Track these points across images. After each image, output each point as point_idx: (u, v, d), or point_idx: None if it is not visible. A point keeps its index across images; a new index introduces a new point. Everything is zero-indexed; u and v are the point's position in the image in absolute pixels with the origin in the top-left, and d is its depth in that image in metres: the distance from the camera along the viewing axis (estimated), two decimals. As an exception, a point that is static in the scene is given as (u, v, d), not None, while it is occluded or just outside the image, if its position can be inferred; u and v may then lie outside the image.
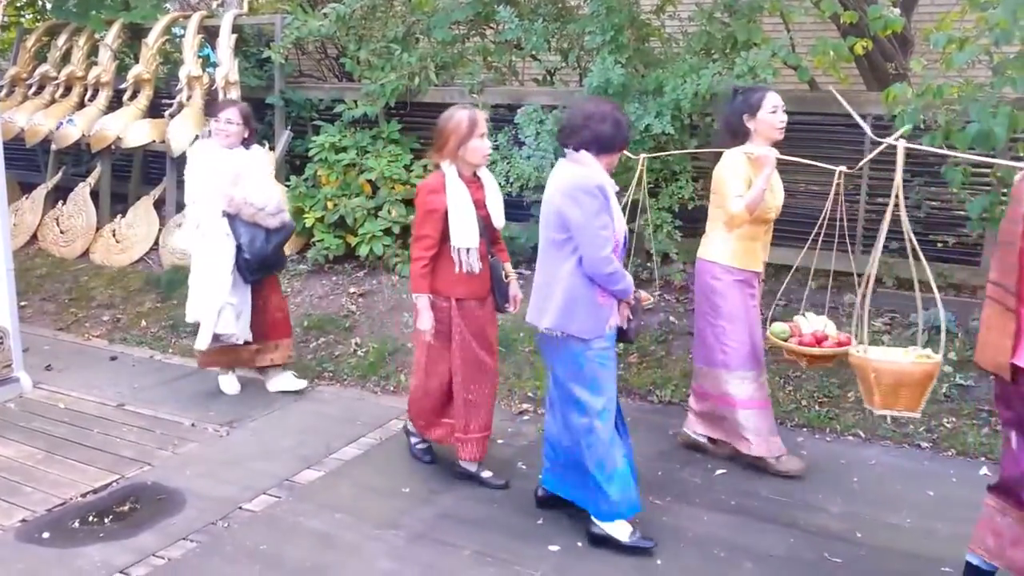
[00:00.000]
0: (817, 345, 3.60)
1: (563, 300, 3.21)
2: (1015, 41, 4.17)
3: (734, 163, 3.74)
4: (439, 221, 3.52)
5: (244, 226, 4.55)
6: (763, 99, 3.75)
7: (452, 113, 3.54)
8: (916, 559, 3.21)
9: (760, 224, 3.82)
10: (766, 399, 3.92)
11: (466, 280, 3.60)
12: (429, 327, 3.62)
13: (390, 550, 3.34)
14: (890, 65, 5.33)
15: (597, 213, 3.11)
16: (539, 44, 5.83)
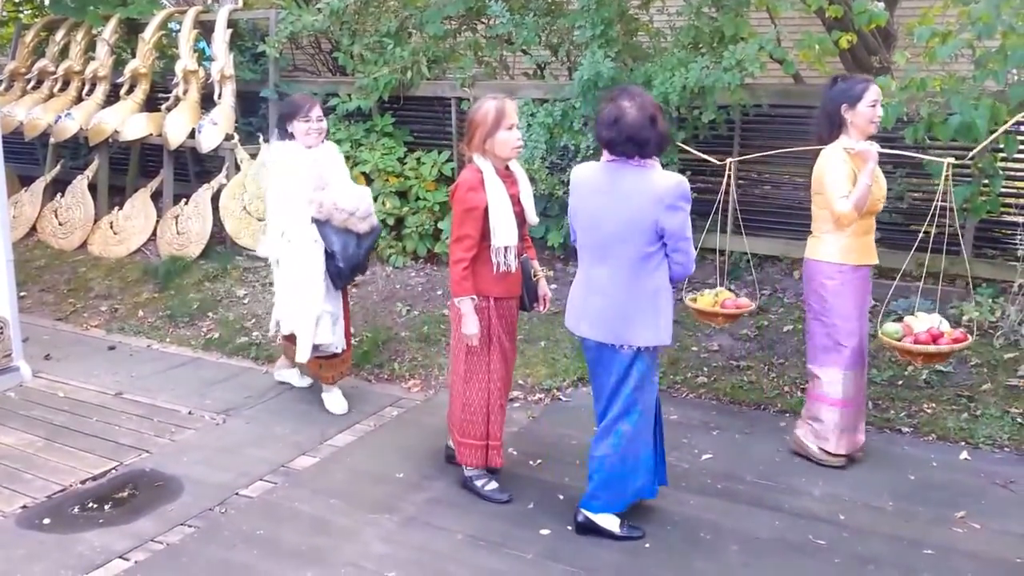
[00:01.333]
0: (934, 343, 3.53)
1: (663, 312, 3.14)
2: (996, 35, 4.26)
3: (836, 161, 3.63)
4: (479, 220, 3.35)
5: (335, 233, 4.23)
6: (865, 91, 3.61)
7: (481, 104, 3.37)
8: (898, 542, 3.30)
9: (870, 216, 3.74)
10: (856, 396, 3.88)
11: (503, 278, 3.47)
12: (477, 331, 3.44)
13: (384, 534, 3.42)
14: (874, 59, 5.41)
15: (687, 219, 3.08)
16: (530, 38, 5.90)
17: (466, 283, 3.40)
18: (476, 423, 3.59)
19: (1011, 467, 3.87)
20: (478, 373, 3.55)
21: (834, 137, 3.69)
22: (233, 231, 6.65)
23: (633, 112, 3.00)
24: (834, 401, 3.80)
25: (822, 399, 3.84)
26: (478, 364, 3.54)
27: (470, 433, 3.61)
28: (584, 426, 4.29)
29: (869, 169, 3.54)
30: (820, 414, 3.85)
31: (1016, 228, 4.94)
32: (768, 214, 5.74)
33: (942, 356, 3.58)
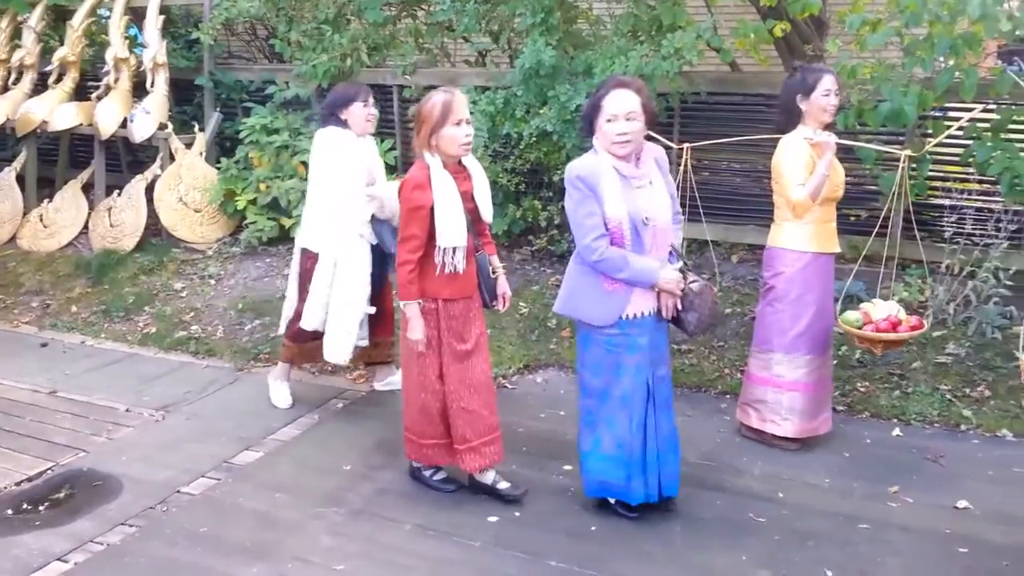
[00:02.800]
0: (893, 330, 3.60)
1: (568, 286, 3.28)
2: (924, 23, 4.39)
3: (794, 149, 3.66)
4: (425, 219, 3.21)
5: (393, 234, 3.93)
6: (819, 80, 3.63)
7: (428, 97, 3.22)
8: (835, 517, 3.40)
9: (831, 203, 3.77)
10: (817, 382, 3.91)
11: (452, 279, 3.32)
12: (422, 336, 3.32)
13: (331, 527, 3.40)
14: (807, 47, 5.52)
15: (580, 203, 3.08)
16: (471, 26, 5.88)
17: (412, 287, 3.27)
18: (433, 425, 3.47)
19: (941, 442, 4.02)
20: (431, 377, 3.41)
21: (792, 126, 3.73)
22: (169, 223, 6.49)
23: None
24: (781, 384, 3.86)
25: (770, 382, 3.89)
26: (430, 369, 3.40)
27: (428, 434, 3.51)
28: (531, 413, 4.33)
29: (827, 159, 3.59)
30: (767, 396, 3.91)
31: (943, 210, 5.11)
32: (708, 200, 5.82)
33: (901, 343, 3.63)
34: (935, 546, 3.19)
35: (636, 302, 3.15)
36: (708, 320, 3.25)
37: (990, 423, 4.17)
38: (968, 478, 3.69)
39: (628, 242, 3.09)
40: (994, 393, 4.37)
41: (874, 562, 3.10)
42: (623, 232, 3.08)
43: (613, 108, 3.04)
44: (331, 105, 4.23)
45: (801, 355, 3.82)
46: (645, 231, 3.10)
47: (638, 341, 3.18)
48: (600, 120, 3.07)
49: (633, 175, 3.11)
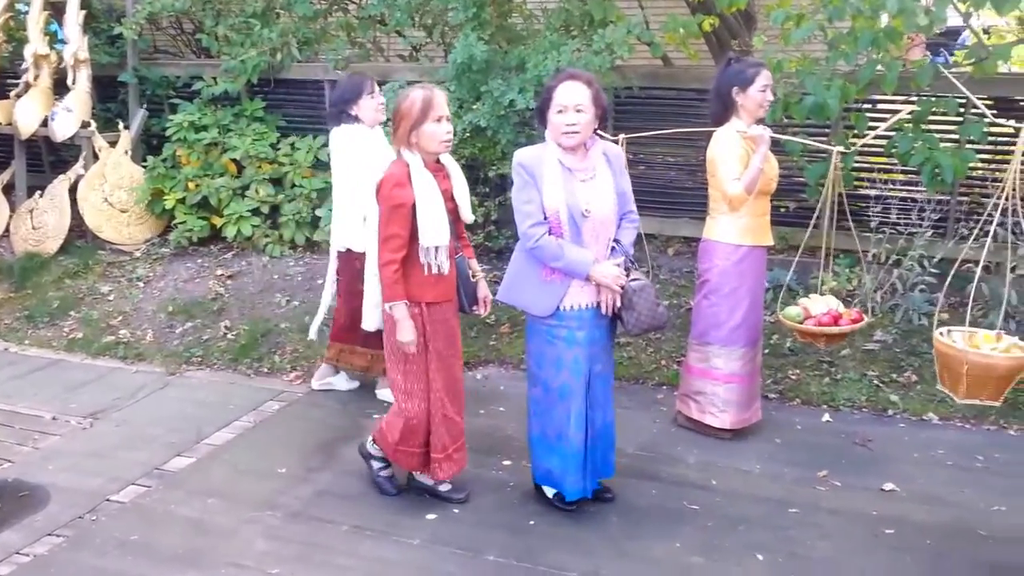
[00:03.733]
0: (835, 324, 3.63)
1: (510, 273, 3.31)
2: (847, 17, 4.50)
3: (728, 143, 3.69)
4: (407, 218, 3.12)
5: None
6: (757, 75, 3.65)
7: (407, 93, 3.16)
8: (766, 502, 3.48)
9: (765, 197, 3.81)
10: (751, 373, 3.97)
11: (435, 281, 3.23)
12: (413, 337, 3.19)
13: (266, 531, 3.34)
14: (734, 42, 5.62)
15: (520, 188, 3.13)
16: (402, 20, 5.83)
17: (397, 287, 3.16)
18: (416, 434, 3.36)
19: (868, 426, 4.14)
20: (417, 383, 3.30)
21: (726, 119, 3.76)
22: (94, 224, 6.29)
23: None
24: (718, 376, 3.91)
25: (708, 374, 3.94)
26: (416, 374, 3.30)
27: (408, 442, 3.39)
28: (471, 410, 4.29)
29: (762, 152, 3.62)
30: (705, 388, 3.96)
31: (870, 201, 5.25)
32: (643, 193, 5.89)
33: (842, 336, 3.70)
34: (862, 528, 3.29)
35: (574, 294, 3.16)
36: (647, 320, 3.21)
37: (916, 407, 4.31)
38: (894, 461, 3.80)
39: (566, 233, 3.11)
40: (920, 378, 4.51)
41: (803, 545, 3.18)
42: (561, 222, 3.09)
43: (563, 99, 3.06)
44: (340, 102, 4.20)
45: (738, 347, 3.88)
46: (584, 223, 3.10)
47: (576, 334, 3.18)
48: (551, 111, 3.10)
49: (577, 167, 3.12)
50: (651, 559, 3.10)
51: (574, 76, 3.12)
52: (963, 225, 5.21)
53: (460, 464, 3.46)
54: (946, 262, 5.22)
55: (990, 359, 2.86)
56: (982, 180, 5.31)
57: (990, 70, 4.53)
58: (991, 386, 2.87)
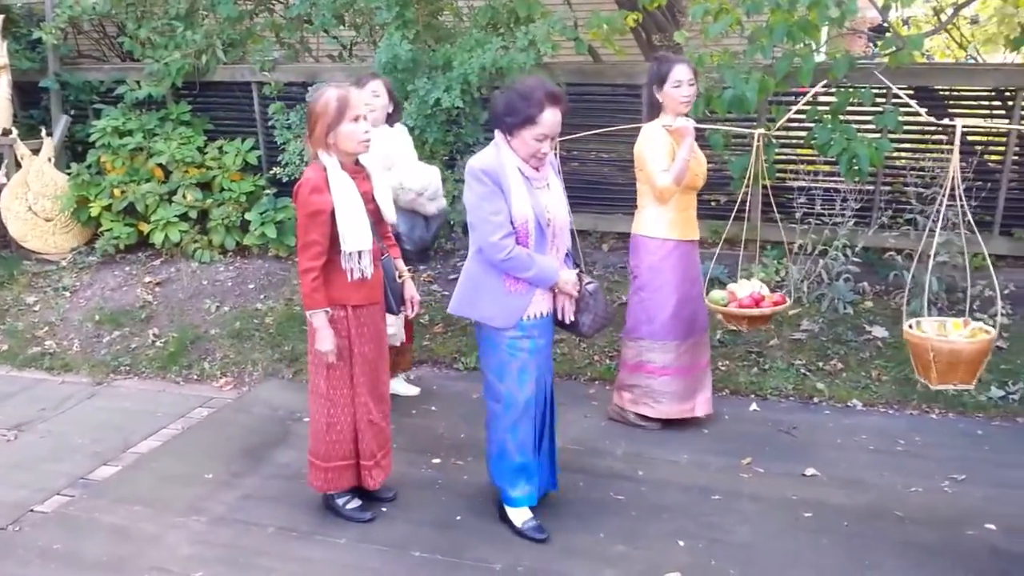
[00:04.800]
0: (756, 307, 3.69)
1: (467, 285, 3.11)
2: (765, 11, 4.58)
3: (654, 137, 3.73)
4: (326, 224, 3.03)
5: (402, 214, 3.98)
6: (670, 71, 3.69)
7: (320, 93, 3.05)
8: (691, 490, 3.52)
9: (691, 192, 3.86)
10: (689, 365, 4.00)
11: (360, 284, 3.16)
12: (333, 346, 3.13)
13: (191, 536, 3.29)
14: (656, 37, 5.68)
15: (486, 198, 2.94)
16: (327, 21, 5.79)
17: (317, 295, 3.07)
18: (343, 443, 3.29)
19: (794, 414, 4.21)
20: (341, 390, 3.24)
21: (655, 116, 3.82)
22: (18, 234, 6.12)
23: (513, 84, 3.04)
24: (653, 369, 3.94)
25: (642, 368, 3.97)
26: (340, 381, 3.23)
27: (336, 455, 3.30)
28: (403, 410, 4.29)
29: (687, 144, 3.66)
30: (639, 381, 3.99)
31: (794, 192, 5.36)
32: (577, 189, 5.93)
33: (764, 319, 3.76)
34: (782, 512, 3.34)
35: (536, 303, 3.08)
36: (601, 321, 3.21)
37: (841, 394, 4.40)
38: (817, 447, 3.87)
39: (532, 241, 3.01)
40: (846, 366, 4.60)
41: (724, 530, 3.22)
42: (528, 231, 2.99)
43: (548, 129, 2.92)
44: None
45: (670, 340, 3.91)
46: (548, 231, 3.05)
47: (538, 343, 3.11)
48: (529, 131, 2.91)
49: (534, 176, 3.03)
50: (573, 549, 3.11)
51: (559, 101, 2.94)
52: (884, 214, 5.35)
53: (387, 471, 3.43)
54: (871, 251, 5.38)
55: (954, 344, 2.90)
56: (902, 169, 5.45)
57: (904, 60, 4.65)
58: (961, 370, 2.91)
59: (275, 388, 4.71)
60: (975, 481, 3.54)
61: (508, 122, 2.93)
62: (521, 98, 2.90)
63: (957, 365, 2.90)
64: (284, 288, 5.65)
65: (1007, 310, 4.82)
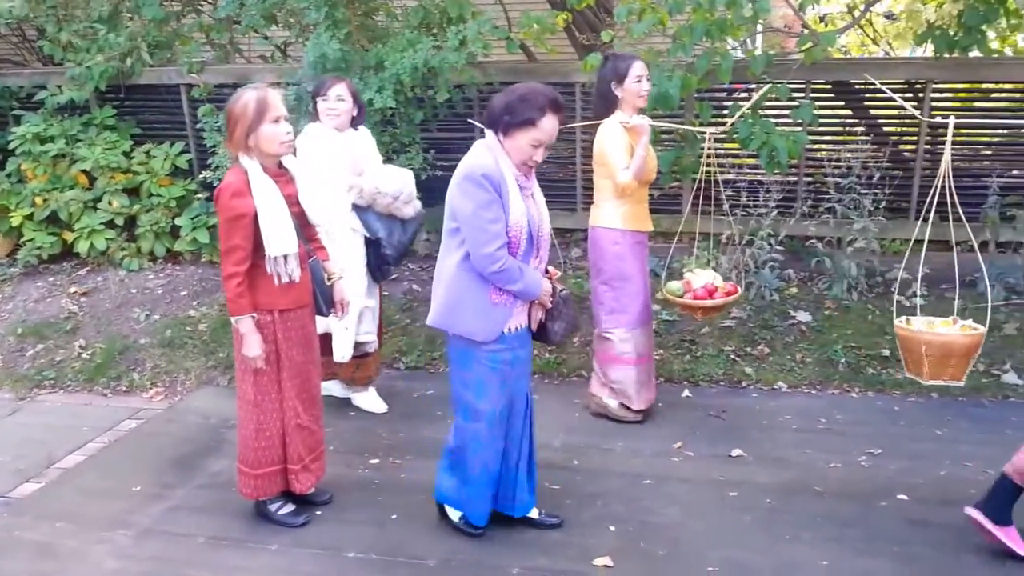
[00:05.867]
0: (710, 297, 3.79)
1: (447, 296, 2.95)
2: (686, 10, 4.69)
3: (613, 134, 3.80)
4: (248, 228, 2.98)
5: (379, 219, 3.98)
6: (630, 67, 3.78)
7: (239, 95, 2.99)
8: (625, 476, 3.59)
9: (644, 186, 3.96)
10: (648, 353, 4.10)
11: (287, 288, 3.10)
12: (261, 351, 3.08)
13: (117, 550, 3.22)
14: (582, 36, 5.77)
15: (485, 206, 2.78)
16: (257, 21, 5.73)
17: (242, 300, 3.02)
18: (272, 449, 3.25)
19: (724, 399, 4.33)
20: (270, 395, 3.20)
21: (609, 112, 3.86)
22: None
23: (517, 85, 2.90)
24: (628, 359, 4.02)
25: (616, 360, 4.03)
26: (268, 386, 3.19)
27: (265, 461, 3.26)
28: (339, 412, 4.27)
29: (644, 141, 3.76)
30: (615, 374, 4.05)
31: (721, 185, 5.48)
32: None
33: (718, 309, 3.86)
34: (709, 492, 3.44)
35: (517, 315, 2.99)
36: (570, 327, 3.15)
37: (768, 377, 4.53)
38: (744, 429, 3.99)
39: (521, 251, 2.90)
40: (772, 350, 4.74)
41: (654, 513, 3.30)
42: (520, 241, 2.88)
43: (544, 135, 2.83)
44: (310, 99, 4.11)
45: (636, 329, 4.01)
46: (536, 241, 2.96)
47: (520, 354, 3.03)
48: (525, 135, 2.81)
49: (525, 184, 2.92)
50: (508, 540, 3.15)
51: (559, 109, 2.85)
52: (806, 204, 5.52)
53: (318, 475, 3.41)
54: (795, 239, 5.55)
55: (947, 338, 2.96)
56: (822, 161, 5.63)
57: (818, 56, 4.80)
58: (952, 365, 2.97)
59: (209, 396, 4.65)
60: (890, 455, 3.69)
61: (505, 121, 2.81)
62: (521, 100, 2.80)
63: (948, 360, 2.94)
64: (218, 294, 5.57)
65: (924, 291, 5.02)
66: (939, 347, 2.93)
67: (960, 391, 4.28)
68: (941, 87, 5.60)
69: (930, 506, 3.29)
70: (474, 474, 3.08)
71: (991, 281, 4.97)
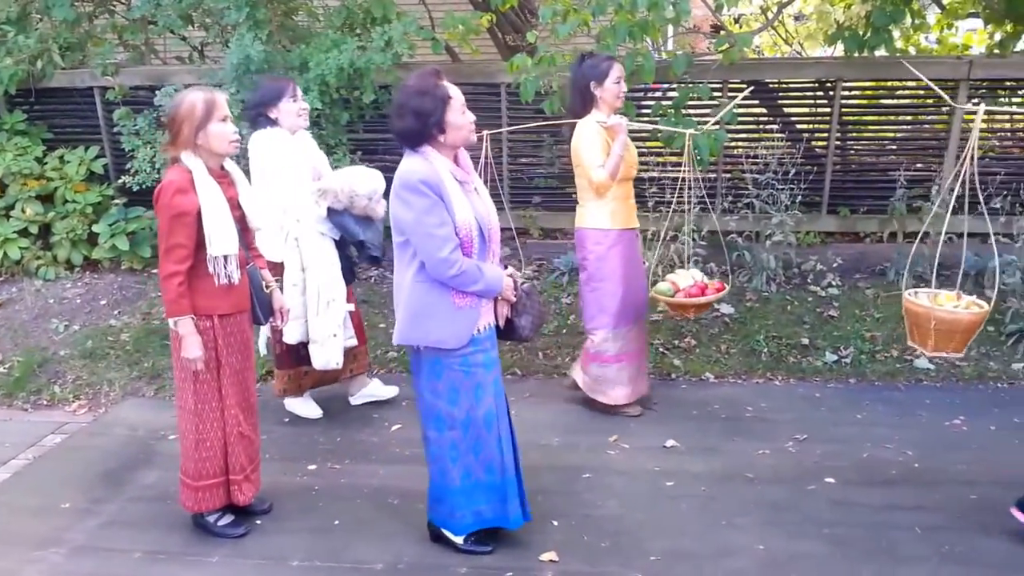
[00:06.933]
0: (702, 295, 3.89)
1: (411, 310, 2.87)
2: (609, 11, 4.79)
3: (589, 133, 3.86)
4: (192, 226, 2.95)
5: (358, 221, 3.93)
6: (610, 68, 3.85)
7: (184, 96, 2.99)
8: (563, 471, 3.67)
9: (627, 182, 4.00)
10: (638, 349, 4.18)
11: (227, 291, 3.08)
12: (200, 353, 3.04)
13: (50, 569, 3.13)
14: (508, 37, 5.82)
15: (428, 211, 2.73)
16: (173, 22, 5.60)
17: (183, 300, 2.98)
18: (214, 459, 3.21)
19: (655, 391, 4.44)
20: (210, 403, 3.16)
21: (586, 111, 3.93)
22: None
23: (398, 99, 2.79)
24: (607, 358, 4.08)
25: (596, 357, 4.11)
26: (209, 394, 3.15)
27: (207, 473, 3.21)
28: (275, 419, 4.23)
29: (621, 140, 3.84)
30: (592, 370, 4.14)
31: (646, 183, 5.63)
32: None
33: (708, 305, 3.96)
34: (646, 483, 3.55)
35: (484, 314, 2.93)
36: (538, 321, 3.12)
37: (696, 369, 4.69)
38: (676, 419, 4.13)
39: (475, 250, 2.84)
40: (699, 342, 4.90)
41: (595, 506, 3.39)
42: (472, 239, 2.82)
43: (461, 98, 2.80)
44: (259, 104, 3.97)
45: (624, 328, 4.07)
46: (487, 237, 2.90)
47: (491, 355, 2.98)
48: (452, 114, 2.75)
49: (465, 180, 2.87)
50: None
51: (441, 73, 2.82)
52: (726, 200, 5.71)
53: (257, 485, 3.38)
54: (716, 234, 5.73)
55: (955, 315, 3.11)
56: (740, 158, 5.83)
57: (735, 57, 4.98)
58: (956, 339, 3.13)
59: (135, 407, 4.54)
60: (815, 440, 3.88)
61: (433, 122, 2.73)
62: (421, 94, 2.72)
63: (954, 335, 3.10)
64: (140, 302, 5.43)
65: (837, 282, 5.27)
66: (949, 323, 3.07)
67: (876, 375, 4.52)
68: (850, 85, 5.87)
69: (856, 487, 3.47)
70: (455, 485, 3.01)
71: (900, 270, 5.26)
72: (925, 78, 3.57)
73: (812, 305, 5.12)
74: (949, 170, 5.63)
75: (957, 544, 3.05)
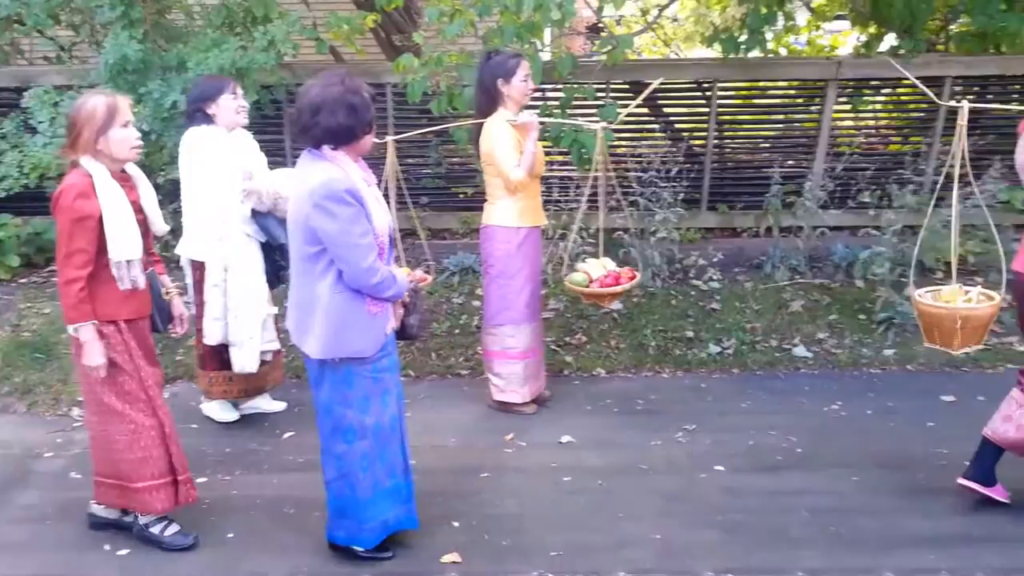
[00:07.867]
0: (616, 284, 3.92)
1: (330, 324, 2.79)
2: (495, 12, 4.84)
3: (502, 133, 3.84)
4: (94, 231, 2.89)
5: (280, 224, 3.76)
6: (518, 66, 3.85)
7: (85, 100, 2.93)
8: (461, 471, 3.70)
9: (536, 180, 4.04)
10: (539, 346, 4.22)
11: (131, 297, 3.02)
12: (103, 361, 2.97)
13: (-83, 605, 2.94)
14: (395, 37, 5.81)
15: (353, 220, 2.67)
16: (41, 20, 5.31)
17: (84, 306, 2.91)
18: (154, 460, 3.12)
19: (550, 387, 4.49)
20: (139, 399, 3.08)
21: (493, 110, 3.92)
22: None
23: (308, 96, 2.71)
24: (515, 355, 4.12)
25: (503, 355, 4.13)
26: (136, 392, 3.07)
27: (150, 474, 3.12)
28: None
29: (533, 137, 3.85)
30: (502, 369, 4.15)
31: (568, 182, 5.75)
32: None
33: (622, 293, 4.06)
34: (544, 480, 3.62)
35: (391, 319, 2.95)
36: (425, 320, 3.20)
37: (587, 364, 4.81)
38: (571, 415, 4.23)
39: (386, 255, 2.86)
40: (589, 339, 5.03)
41: (494, 505, 3.44)
42: (384, 245, 2.83)
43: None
44: (196, 100, 3.88)
45: (527, 324, 4.11)
46: (392, 240, 2.95)
47: (394, 358, 3.00)
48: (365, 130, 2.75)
49: (371, 183, 2.85)
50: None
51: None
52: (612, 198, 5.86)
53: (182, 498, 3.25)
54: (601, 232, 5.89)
55: (978, 310, 3.17)
56: (624, 156, 6.01)
57: (618, 58, 5.13)
58: (979, 334, 3.20)
59: (6, 425, 4.28)
60: (703, 429, 4.05)
61: (367, 120, 2.73)
62: (354, 92, 2.69)
63: (978, 329, 3.18)
64: (9, 314, 5.13)
65: (718, 275, 5.51)
66: (974, 320, 3.13)
67: (757, 365, 4.75)
68: (726, 86, 6.13)
69: (745, 475, 3.64)
70: (366, 496, 2.98)
71: (776, 263, 5.56)
72: (912, 76, 3.66)
73: (695, 299, 5.34)
74: (819, 166, 5.99)
75: (842, 525, 3.24)
